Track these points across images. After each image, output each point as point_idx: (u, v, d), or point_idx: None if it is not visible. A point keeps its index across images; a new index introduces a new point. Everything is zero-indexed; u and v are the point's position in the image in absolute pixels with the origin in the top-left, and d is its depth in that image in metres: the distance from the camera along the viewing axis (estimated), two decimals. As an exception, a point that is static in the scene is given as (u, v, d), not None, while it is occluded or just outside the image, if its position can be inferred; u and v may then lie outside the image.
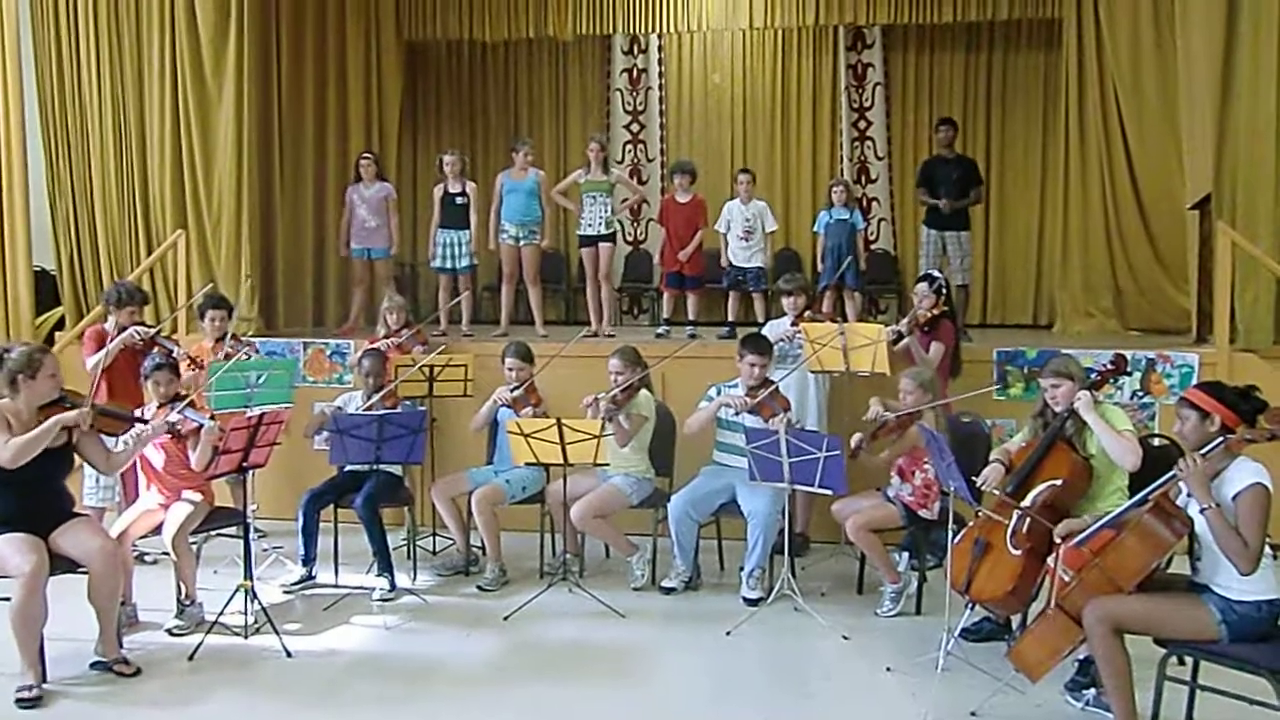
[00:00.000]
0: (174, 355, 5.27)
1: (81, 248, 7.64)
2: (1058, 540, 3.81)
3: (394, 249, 7.77)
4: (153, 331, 5.59)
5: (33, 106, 7.43)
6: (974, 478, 4.20)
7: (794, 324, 5.93)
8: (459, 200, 7.31)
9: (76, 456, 4.30)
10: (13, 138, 7.07)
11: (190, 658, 4.40)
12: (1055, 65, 8.84)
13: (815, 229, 7.56)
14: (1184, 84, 7.07)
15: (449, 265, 7.38)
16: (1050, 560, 3.80)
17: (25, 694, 3.93)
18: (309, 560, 5.40)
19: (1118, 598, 3.46)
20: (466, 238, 7.34)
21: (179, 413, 4.58)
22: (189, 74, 7.34)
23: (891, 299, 9.61)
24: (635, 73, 10.24)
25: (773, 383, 5.26)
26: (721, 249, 7.40)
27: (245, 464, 4.60)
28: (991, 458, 4.36)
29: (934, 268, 7.16)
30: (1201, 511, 3.35)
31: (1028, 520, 4.04)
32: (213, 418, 4.74)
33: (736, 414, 5.26)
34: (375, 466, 5.28)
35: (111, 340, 5.42)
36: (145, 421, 4.44)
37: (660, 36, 9.99)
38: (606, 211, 7.27)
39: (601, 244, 7.32)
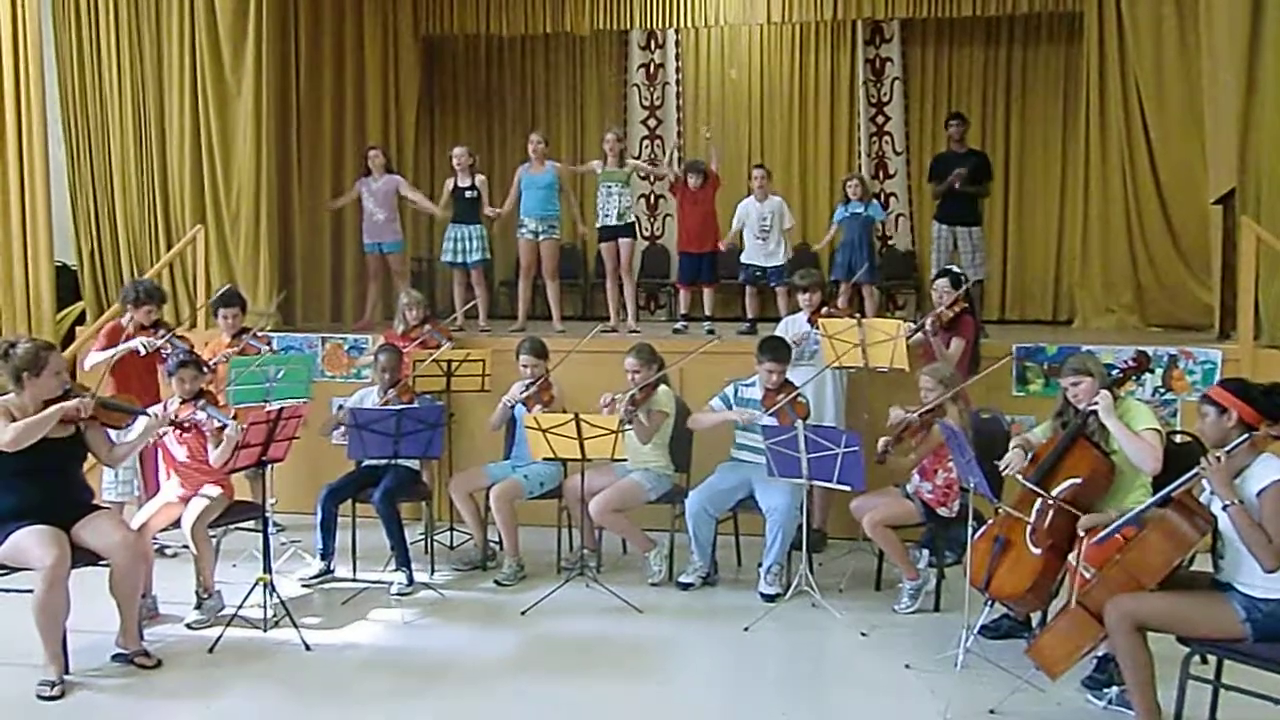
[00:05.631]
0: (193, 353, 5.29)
1: (102, 243, 7.70)
2: (1080, 534, 3.78)
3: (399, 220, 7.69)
4: (159, 343, 5.49)
5: (54, 102, 7.47)
6: (996, 462, 4.18)
7: (810, 321, 5.91)
8: (468, 194, 7.31)
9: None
10: (34, 133, 7.11)
11: (210, 650, 4.43)
12: (1075, 59, 8.78)
13: (834, 219, 7.54)
14: (1207, 77, 6.99)
15: (459, 260, 7.35)
16: (1071, 557, 3.77)
17: (48, 685, 3.96)
18: (327, 554, 5.43)
19: (1140, 595, 3.43)
20: (478, 232, 7.33)
21: (203, 411, 4.60)
22: (208, 70, 7.37)
23: (909, 295, 9.56)
24: (652, 68, 10.21)
25: (792, 385, 5.23)
26: (738, 242, 7.40)
27: (264, 458, 4.62)
28: (1012, 445, 4.34)
29: (946, 263, 7.11)
30: (1225, 509, 3.32)
31: (1048, 517, 4.01)
32: (235, 416, 4.75)
33: (744, 426, 5.27)
34: (393, 461, 5.30)
35: (125, 339, 5.45)
36: (147, 414, 4.45)
37: (677, 31, 9.97)
38: (622, 203, 7.25)
39: (621, 238, 7.29)
